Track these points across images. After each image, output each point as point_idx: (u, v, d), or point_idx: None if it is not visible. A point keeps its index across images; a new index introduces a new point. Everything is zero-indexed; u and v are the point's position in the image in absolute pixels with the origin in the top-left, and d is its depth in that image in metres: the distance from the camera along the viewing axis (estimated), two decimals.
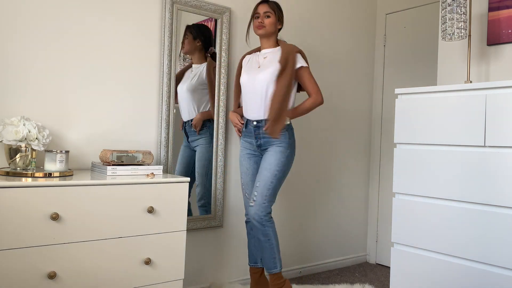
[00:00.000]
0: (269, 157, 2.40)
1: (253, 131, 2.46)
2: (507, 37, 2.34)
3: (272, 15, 2.45)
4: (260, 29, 2.45)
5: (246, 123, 2.49)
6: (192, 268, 2.68)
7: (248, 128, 2.49)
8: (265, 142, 2.44)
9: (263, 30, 2.45)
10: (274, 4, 2.49)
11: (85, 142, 2.28)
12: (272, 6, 2.47)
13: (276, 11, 2.48)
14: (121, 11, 2.38)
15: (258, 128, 2.44)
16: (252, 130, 2.46)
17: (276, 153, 2.39)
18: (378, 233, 3.60)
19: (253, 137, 2.46)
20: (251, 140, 2.48)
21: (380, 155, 3.59)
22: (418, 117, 2.13)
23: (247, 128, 2.49)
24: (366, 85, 3.62)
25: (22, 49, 2.10)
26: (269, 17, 2.45)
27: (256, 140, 2.46)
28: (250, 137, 2.48)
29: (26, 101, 2.12)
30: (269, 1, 2.49)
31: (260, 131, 2.43)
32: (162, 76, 2.50)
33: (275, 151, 2.40)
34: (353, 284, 3.00)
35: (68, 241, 1.79)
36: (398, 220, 2.18)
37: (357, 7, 3.54)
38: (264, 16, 2.45)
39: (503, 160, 1.84)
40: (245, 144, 2.52)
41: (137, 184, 1.96)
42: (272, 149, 2.41)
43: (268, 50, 2.51)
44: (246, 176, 2.53)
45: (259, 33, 2.48)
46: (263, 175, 2.38)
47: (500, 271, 1.84)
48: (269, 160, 2.39)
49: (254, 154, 2.51)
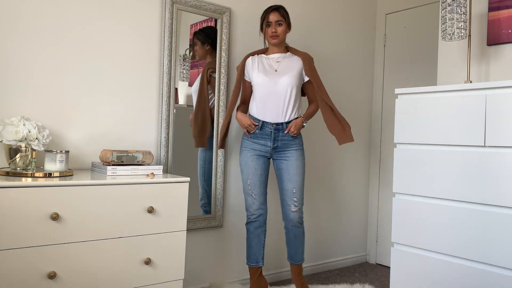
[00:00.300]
0: (295, 161, 2.50)
1: (271, 133, 2.49)
2: (507, 37, 2.34)
3: (283, 22, 2.51)
4: (275, 39, 2.51)
5: (262, 125, 2.49)
6: (192, 268, 2.68)
7: (264, 130, 2.50)
8: (283, 144, 2.50)
9: (278, 40, 2.51)
10: (284, 10, 2.53)
11: (85, 142, 2.28)
12: (282, 13, 2.51)
13: (286, 17, 2.53)
14: (121, 11, 2.38)
15: (278, 130, 2.48)
16: (270, 132, 2.48)
17: (299, 156, 2.52)
18: (378, 233, 3.60)
19: (269, 139, 2.49)
20: (265, 142, 2.50)
21: (380, 155, 3.59)
22: (418, 117, 2.13)
23: (262, 130, 2.50)
24: (366, 85, 3.62)
25: (22, 49, 2.10)
26: (281, 25, 2.51)
27: (274, 142, 2.49)
28: (265, 139, 2.50)
29: (26, 101, 2.12)
30: (279, 8, 2.52)
31: (280, 134, 2.48)
32: (162, 76, 2.50)
33: (298, 155, 2.52)
34: (353, 284, 3.00)
35: (68, 241, 1.79)
36: (398, 220, 2.18)
37: (357, 7, 3.54)
38: (276, 24, 2.50)
39: (503, 160, 1.84)
40: (254, 145, 2.52)
41: (137, 184, 1.96)
42: (293, 154, 2.51)
43: (280, 55, 2.57)
44: (254, 176, 2.52)
45: (273, 43, 2.53)
46: (295, 181, 2.50)
47: (500, 271, 1.84)
48: (296, 164, 2.50)
49: (264, 155, 2.53)
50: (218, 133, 2.71)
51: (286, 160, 2.51)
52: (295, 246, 2.59)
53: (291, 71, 2.50)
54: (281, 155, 2.52)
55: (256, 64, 2.55)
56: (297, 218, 2.53)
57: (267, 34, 2.53)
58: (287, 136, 2.50)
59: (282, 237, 3.04)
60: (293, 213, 2.52)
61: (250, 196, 2.54)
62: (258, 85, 2.51)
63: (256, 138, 2.52)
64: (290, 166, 2.50)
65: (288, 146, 2.51)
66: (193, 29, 2.65)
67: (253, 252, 2.58)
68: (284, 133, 2.49)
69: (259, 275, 2.59)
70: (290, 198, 2.51)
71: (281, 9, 2.52)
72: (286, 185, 2.52)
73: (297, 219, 2.53)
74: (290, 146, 2.51)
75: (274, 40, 2.50)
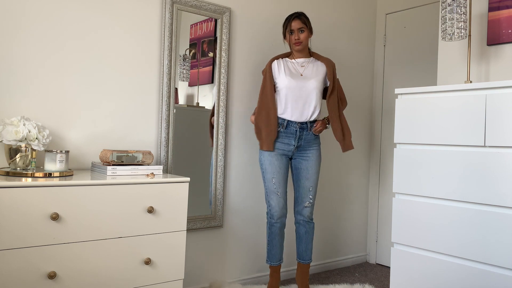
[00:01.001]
0: (314, 161, 2.63)
1: (295, 132, 2.55)
2: (507, 37, 2.34)
3: (305, 29, 2.60)
4: (298, 45, 2.61)
5: (287, 124, 2.56)
6: (192, 268, 2.68)
7: (289, 129, 2.57)
8: (305, 143, 2.61)
9: (301, 46, 2.61)
10: (305, 17, 2.61)
11: (85, 142, 2.28)
12: (304, 20, 2.59)
13: (307, 23, 2.60)
14: (121, 11, 2.38)
15: (302, 129, 2.57)
16: (295, 130, 2.56)
17: (318, 157, 2.65)
18: (378, 233, 3.60)
19: (293, 137, 2.57)
20: (290, 141, 2.58)
21: (380, 155, 3.59)
22: (418, 117, 2.13)
23: (287, 129, 2.57)
24: (366, 85, 3.62)
25: (22, 49, 2.10)
26: (303, 32, 2.59)
27: (298, 141, 2.58)
28: (289, 138, 2.58)
29: (26, 101, 2.12)
30: (300, 15, 2.59)
31: (304, 132, 2.56)
32: (162, 76, 2.50)
33: (317, 155, 2.65)
34: (353, 284, 3.00)
35: (68, 241, 1.79)
36: (398, 220, 2.18)
37: (357, 7, 3.54)
38: (299, 31, 2.59)
39: (503, 160, 1.84)
40: (278, 144, 2.58)
41: (137, 184, 1.96)
42: (314, 153, 2.63)
43: (305, 60, 2.67)
44: (279, 175, 2.59)
45: (297, 49, 2.62)
46: (313, 180, 2.63)
47: (500, 271, 1.84)
48: (315, 164, 2.64)
49: (286, 154, 2.61)
50: (217, 132, 2.71)
51: (306, 160, 2.62)
52: (305, 243, 2.68)
53: (316, 76, 2.62)
54: (302, 154, 2.62)
55: (282, 68, 2.61)
56: (309, 213, 2.66)
57: (290, 41, 2.63)
58: (310, 135, 2.60)
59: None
60: (306, 208, 2.65)
61: (276, 195, 2.59)
62: (285, 87, 2.58)
63: (281, 137, 2.58)
64: (309, 166, 2.62)
65: (310, 145, 2.62)
66: (193, 29, 2.65)
67: (278, 252, 2.66)
68: (308, 132, 2.58)
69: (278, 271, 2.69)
70: (306, 196, 2.64)
71: (302, 16, 2.60)
72: (304, 183, 2.63)
73: (308, 214, 2.66)
74: (312, 146, 2.62)
75: (298, 46, 2.61)
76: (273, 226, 2.62)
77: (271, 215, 2.61)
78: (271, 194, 2.59)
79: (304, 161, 2.61)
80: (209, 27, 2.71)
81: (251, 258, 2.94)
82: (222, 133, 2.73)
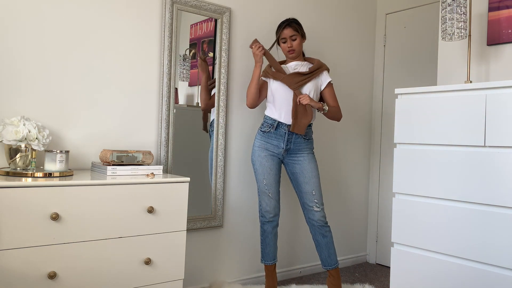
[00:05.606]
0: (309, 164, 2.58)
1: (284, 134, 2.54)
2: (507, 37, 2.34)
3: (297, 36, 2.59)
4: (292, 53, 2.61)
5: (277, 125, 2.55)
6: (192, 268, 2.68)
7: (278, 130, 2.55)
8: (295, 147, 2.57)
9: (295, 54, 2.62)
10: (296, 23, 2.59)
11: (85, 142, 2.28)
12: (295, 27, 2.58)
13: (299, 30, 2.59)
14: (121, 11, 2.38)
15: (292, 132, 2.55)
16: (284, 132, 2.54)
17: (311, 159, 2.59)
18: (378, 233, 3.60)
19: (282, 140, 2.55)
20: (279, 143, 2.56)
21: (380, 155, 3.59)
22: (418, 117, 2.13)
23: (277, 130, 2.55)
24: (366, 85, 3.62)
25: (22, 49, 2.10)
26: (295, 39, 2.58)
27: (287, 144, 2.55)
28: (278, 140, 2.56)
29: (26, 101, 2.12)
30: (291, 23, 2.58)
31: (294, 136, 2.55)
32: (162, 76, 2.50)
33: (311, 157, 2.60)
34: (353, 284, 3.00)
35: (68, 241, 1.79)
36: (398, 220, 2.18)
37: (357, 7, 3.54)
38: (291, 39, 2.58)
39: (503, 160, 1.84)
40: (267, 145, 2.57)
41: (137, 184, 1.96)
42: (305, 157, 2.58)
43: (298, 63, 2.65)
44: (269, 176, 2.58)
45: (291, 57, 2.62)
46: (313, 183, 2.57)
47: (500, 271, 1.84)
48: (310, 167, 2.57)
49: (277, 156, 2.59)
50: (217, 132, 2.71)
51: (299, 164, 2.57)
52: (326, 247, 2.60)
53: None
54: (293, 158, 2.58)
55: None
56: (321, 217, 2.58)
57: (284, 50, 2.63)
58: (300, 139, 2.56)
59: (282, 237, 3.04)
60: (317, 212, 2.57)
61: (267, 196, 2.59)
62: (276, 89, 2.57)
63: (270, 138, 2.57)
64: (304, 169, 2.57)
65: (300, 149, 2.57)
66: (193, 29, 2.65)
67: (272, 250, 2.65)
68: (297, 135, 2.55)
69: (274, 270, 2.68)
70: (311, 200, 2.57)
71: (293, 23, 2.59)
72: (304, 188, 2.57)
73: (321, 218, 2.58)
74: (302, 150, 2.58)
75: (292, 54, 2.62)
76: (265, 224, 2.63)
77: (262, 215, 2.62)
78: (262, 194, 2.60)
79: (297, 165, 2.58)
80: (209, 27, 2.71)
81: (251, 258, 2.94)
82: (222, 133, 2.73)
